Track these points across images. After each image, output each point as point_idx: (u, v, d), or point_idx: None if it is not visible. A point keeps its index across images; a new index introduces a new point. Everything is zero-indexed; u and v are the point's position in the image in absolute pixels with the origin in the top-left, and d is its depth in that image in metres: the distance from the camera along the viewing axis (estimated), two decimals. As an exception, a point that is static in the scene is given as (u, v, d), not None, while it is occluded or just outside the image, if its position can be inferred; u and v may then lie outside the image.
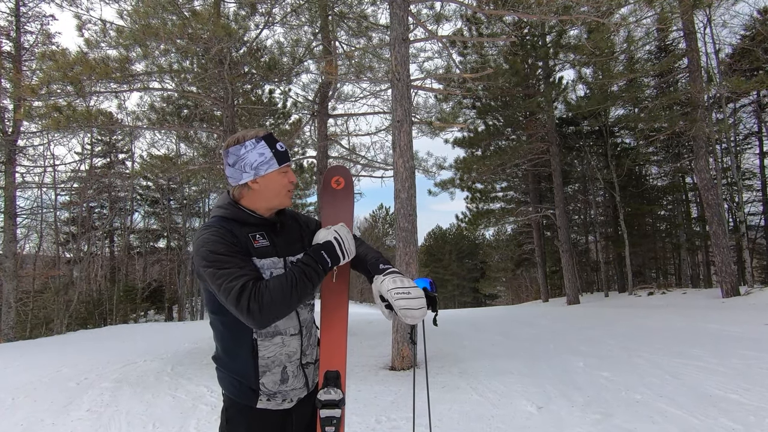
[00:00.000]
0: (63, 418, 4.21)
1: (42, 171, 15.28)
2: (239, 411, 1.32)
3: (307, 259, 1.28)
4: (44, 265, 18.34)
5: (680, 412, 3.49)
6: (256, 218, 1.35)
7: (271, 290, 1.17)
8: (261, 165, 1.32)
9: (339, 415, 1.31)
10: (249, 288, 1.16)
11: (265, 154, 1.33)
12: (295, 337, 1.35)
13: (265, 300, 1.15)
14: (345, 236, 1.35)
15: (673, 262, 20.25)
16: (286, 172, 1.37)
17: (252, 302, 1.14)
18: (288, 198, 1.39)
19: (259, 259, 1.29)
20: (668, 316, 8.53)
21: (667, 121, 12.23)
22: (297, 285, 1.21)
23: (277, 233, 1.37)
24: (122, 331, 12.10)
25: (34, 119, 8.29)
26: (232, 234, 1.27)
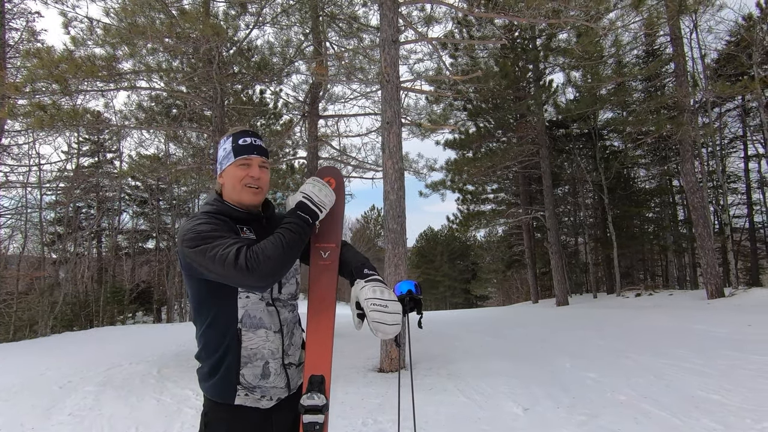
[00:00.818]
0: (44, 422, 4.13)
1: (27, 170, 15.01)
2: (218, 412, 1.31)
3: (287, 221, 1.27)
4: (29, 266, 17.99)
5: (663, 413, 3.53)
6: (240, 212, 1.35)
7: (265, 248, 1.18)
8: (223, 159, 1.36)
9: (322, 421, 1.28)
10: (244, 250, 1.17)
11: (227, 148, 1.36)
12: (276, 335, 1.34)
13: (262, 256, 1.16)
14: (311, 191, 1.32)
15: (660, 264, 20.52)
16: (243, 164, 1.33)
17: (250, 260, 1.16)
18: (248, 194, 1.33)
19: None
20: (655, 317, 8.63)
21: (655, 125, 12.40)
22: (287, 240, 1.21)
23: (263, 228, 1.36)
24: (109, 333, 11.93)
25: (18, 118, 8.14)
26: (219, 219, 1.29)
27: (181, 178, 16.78)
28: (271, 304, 1.35)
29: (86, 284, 19.82)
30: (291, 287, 1.42)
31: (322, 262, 1.42)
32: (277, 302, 1.37)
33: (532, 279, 19.43)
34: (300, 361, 1.43)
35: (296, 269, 1.45)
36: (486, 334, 8.28)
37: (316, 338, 1.36)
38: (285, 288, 1.40)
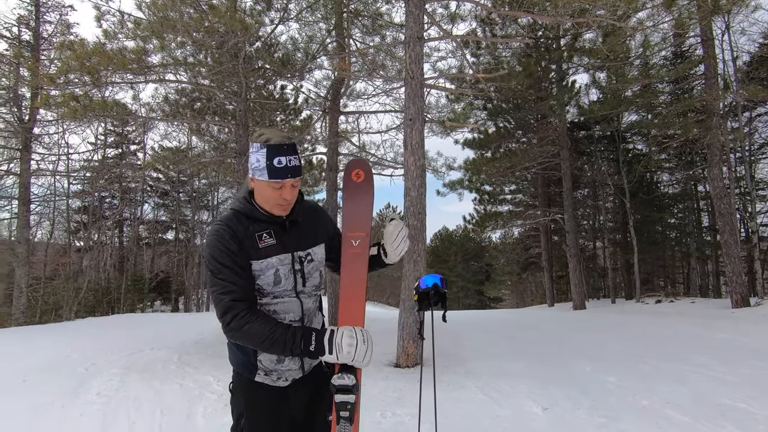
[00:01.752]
0: (73, 401, 4.28)
1: (56, 159, 15.50)
2: (241, 383, 1.44)
3: (299, 335, 1.28)
4: (55, 253, 18.60)
5: (687, 418, 3.47)
6: (265, 216, 1.39)
7: (253, 328, 1.27)
8: (255, 170, 1.35)
9: (353, 401, 1.32)
10: (237, 309, 1.28)
11: (260, 162, 1.33)
12: (295, 323, 1.41)
13: (244, 330, 1.27)
14: (342, 345, 1.27)
15: (682, 271, 20.03)
16: (277, 187, 1.34)
17: (234, 322, 1.27)
18: (279, 210, 1.39)
19: (262, 259, 1.36)
20: (676, 324, 8.45)
21: (681, 128, 12.10)
22: (274, 344, 1.27)
23: (286, 230, 1.41)
24: (129, 320, 12.24)
25: (51, 108, 8.41)
26: (234, 237, 1.33)
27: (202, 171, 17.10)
28: (296, 296, 1.42)
29: (108, 272, 20.37)
30: (315, 280, 1.48)
31: (353, 250, 1.48)
32: (302, 294, 1.44)
33: (548, 282, 19.18)
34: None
35: (321, 261, 1.51)
36: (501, 334, 8.22)
37: (348, 322, 1.40)
38: (309, 281, 1.46)
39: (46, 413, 3.93)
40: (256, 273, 1.36)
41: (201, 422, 3.68)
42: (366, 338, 1.29)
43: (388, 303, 32.52)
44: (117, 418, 3.81)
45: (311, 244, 1.48)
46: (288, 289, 1.40)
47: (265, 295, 1.38)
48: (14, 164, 13.32)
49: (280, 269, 1.38)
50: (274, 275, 1.38)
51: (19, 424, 3.67)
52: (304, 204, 1.50)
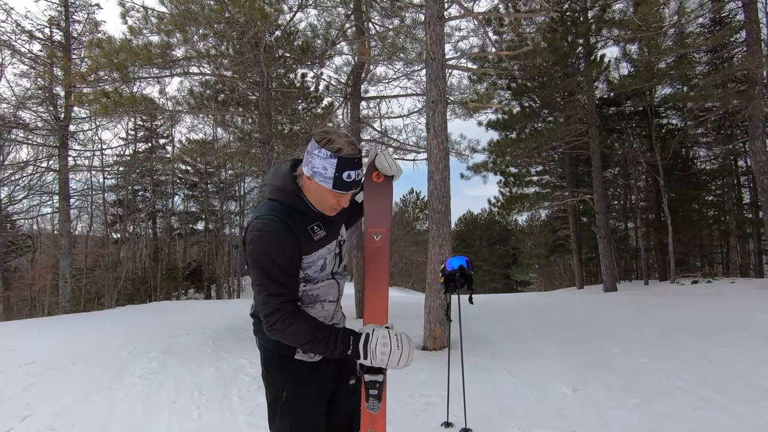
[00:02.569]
0: (118, 382, 4.54)
1: (91, 155, 16.15)
2: (277, 361, 1.47)
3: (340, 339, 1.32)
4: (94, 245, 19.54)
5: (726, 400, 3.37)
6: (314, 212, 1.39)
7: (296, 328, 1.30)
8: (318, 174, 1.30)
9: (381, 380, 1.37)
10: (284, 311, 1.30)
11: (328, 171, 1.28)
12: (332, 304, 1.50)
13: (288, 331, 1.31)
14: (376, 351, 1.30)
15: (720, 251, 19.17)
16: (338, 196, 1.34)
17: (279, 322, 1.30)
18: (330, 212, 1.41)
19: (316, 251, 1.39)
20: (715, 304, 8.14)
21: (720, 100, 11.43)
22: (315, 345, 1.32)
23: (330, 221, 1.45)
24: (166, 307, 12.79)
25: (84, 105, 8.74)
26: (291, 233, 1.31)
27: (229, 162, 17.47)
28: (332, 278, 1.48)
29: (144, 262, 21.27)
30: (345, 260, 1.56)
31: (375, 244, 1.55)
32: (337, 275, 1.51)
33: (577, 264, 18.77)
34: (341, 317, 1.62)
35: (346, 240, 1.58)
36: (529, 317, 8.14)
37: (373, 311, 1.48)
38: (342, 262, 1.53)
39: (94, 393, 4.19)
40: (308, 264, 1.38)
41: (236, 402, 3.84)
42: (400, 343, 1.31)
43: (413, 288, 32.65)
44: (159, 398, 4.01)
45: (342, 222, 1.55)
46: (328, 272, 1.46)
47: (311, 282, 1.42)
48: (53, 161, 13.98)
49: (327, 257, 1.43)
50: (323, 264, 1.42)
51: (71, 403, 3.92)
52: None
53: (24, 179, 14.76)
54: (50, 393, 4.21)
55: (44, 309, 17.47)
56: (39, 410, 3.74)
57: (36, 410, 3.74)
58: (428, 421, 3.29)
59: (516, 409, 3.43)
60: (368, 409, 1.38)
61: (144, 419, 3.52)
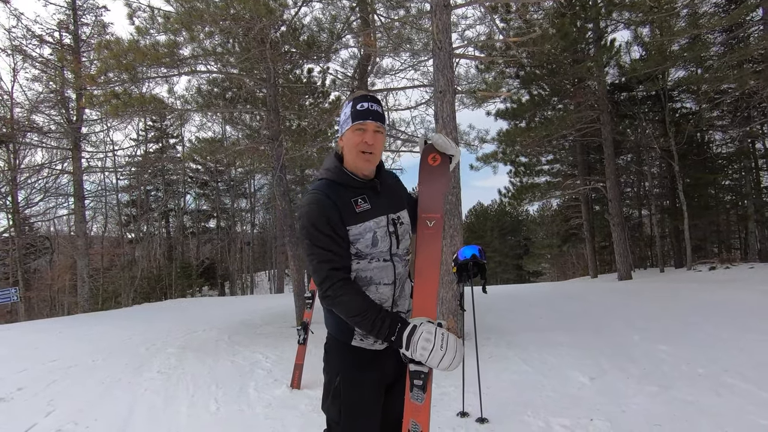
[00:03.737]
0: (137, 377, 4.62)
1: (104, 156, 16.38)
2: (337, 346, 1.49)
3: (388, 322, 1.34)
4: (110, 245, 19.90)
5: (748, 385, 3.30)
6: (357, 182, 1.44)
7: (348, 299, 1.34)
8: (343, 123, 1.44)
9: (427, 371, 1.35)
10: (334, 278, 1.34)
11: (347, 113, 1.42)
12: (387, 287, 1.46)
13: (338, 300, 1.35)
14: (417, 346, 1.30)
15: (738, 236, 18.76)
16: (359, 129, 1.40)
17: (331, 290, 1.35)
18: (361, 160, 1.42)
19: (360, 223, 1.40)
20: (734, 290, 7.97)
21: (736, 81, 11.12)
22: (363, 321, 1.34)
23: (378, 193, 1.47)
24: (181, 305, 12.98)
25: (95, 107, 8.84)
26: (334, 206, 1.36)
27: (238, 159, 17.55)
28: (389, 260, 1.46)
29: (159, 261, 21.58)
30: (406, 242, 1.53)
31: (428, 230, 1.53)
32: (395, 257, 1.49)
33: (590, 253, 18.54)
34: (408, 308, 1.54)
35: (409, 225, 1.55)
36: (543, 307, 8.08)
37: (422, 296, 1.46)
38: (401, 243, 1.51)
39: (115, 388, 4.27)
40: (355, 237, 1.40)
41: (253, 395, 3.88)
42: (445, 343, 1.29)
43: (426, 281, 32.56)
44: (177, 392, 4.08)
45: (400, 207, 1.54)
46: (384, 251, 1.44)
47: (363, 258, 1.42)
48: (67, 163, 14.20)
49: (377, 231, 1.43)
50: (372, 238, 1.42)
51: (93, 398, 4.01)
52: (387, 172, 1.59)
53: (40, 182, 15.04)
54: (73, 389, 4.31)
55: (64, 309, 17.88)
56: (62, 406, 3.83)
57: (59, 406, 3.83)
58: (444, 411, 3.29)
59: (532, 398, 3.41)
60: (412, 399, 1.36)
61: (164, 413, 3.58)
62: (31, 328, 9.19)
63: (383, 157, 8.66)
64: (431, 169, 1.60)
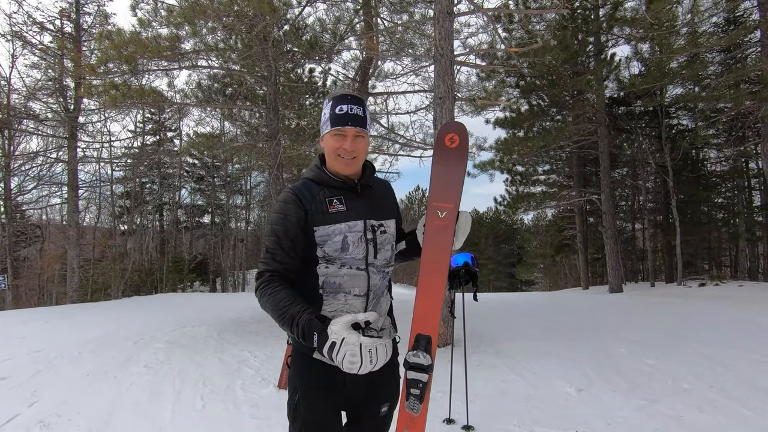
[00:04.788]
0: (123, 371, 4.58)
1: (100, 147, 16.27)
2: (298, 358, 1.37)
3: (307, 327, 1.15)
4: (102, 236, 19.73)
5: (732, 403, 3.33)
6: (336, 181, 1.36)
7: (270, 299, 1.24)
8: (322, 126, 1.37)
9: (426, 380, 1.26)
10: (264, 279, 1.28)
11: (326, 114, 1.35)
12: (358, 299, 1.34)
13: (261, 300, 1.28)
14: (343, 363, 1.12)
15: (729, 254, 18.96)
16: (338, 135, 1.32)
17: (257, 291, 1.30)
18: (342, 166, 1.34)
19: (330, 225, 1.31)
20: (722, 307, 8.05)
21: (732, 101, 11.27)
22: (283, 321, 1.21)
23: (357, 197, 1.37)
24: (172, 299, 12.90)
25: (93, 97, 8.80)
26: (299, 205, 1.31)
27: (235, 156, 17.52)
28: (363, 269, 1.35)
29: (151, 254, 21.42)
30: (386, 253, 1.40)
31: (437, 221, 1.37)
32: (371, 267, 1.36)
33: (583, 264, 18.67)
34: (382, 327, 1.41)
35: (393, 236, 1.43)
36: (534, 316, 8.11)
37: (427, 298, 1.34)
38: (380, 254, 1.38)
39: (100, 381, 4.23)
40: (322, 239, 1.30)
41: (240, 394, 3.86)
42: (375, 357, 1.12)
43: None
44: (163, 387, 4.04)
45: (385, 216, 1.42)
46: (358, 258, 1.33)
47: (332, 263, 1.31)
48: (63, 152, 14.10)
49: (348, 236, 1.32)
50: (342, 242, 1.31)
51: (77, 391, 3.96)
52: (378, 178, 1.49)
53: (34, 170, 14.91)
54: (57, 380, 4.26)
55: (52, 298, 17.69)
56: (46, 397, 3.78)
57: (43, 397, 3.79)
58: (430, 417, 3.27)
59: (519, 407, 3.42)
60: (407, 408, 1.26)
61: (149, 408, 3.55)
62: (17, 317, 9.08)
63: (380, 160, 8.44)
64: (448, 152, 1.42)
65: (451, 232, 1.36)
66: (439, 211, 1.37)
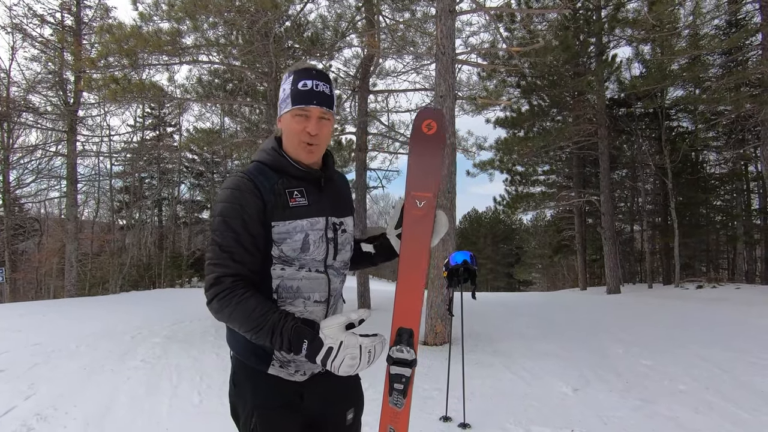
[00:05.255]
0: (120, 366, 4.58)
1: (99, 141, 16.24)
2: (248, 375, 1.19)
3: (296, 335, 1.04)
4: (100, 230, 19.72)
5: (728, 404, 3.35)
6: (298, 170, 1.18)
7: (238, 308, 1.05)
8: (281, 104, 1.18)
9: (409, 374, 1.20)
10: (226, 286, 1.06)
11: (286, 91, 1.16)
12: (319, 305, 1.21)
13: (225, 311, 1.06)
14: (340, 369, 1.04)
15: (726, 256, 19.01)
16: (300, 115, 1.14)
17: (216, 301, 1.07)
18: (305, 151, 1.17)
19: (290, 220, 1.14)
20: (718, 309, 8.08)
21: (732, 103, 11.28)
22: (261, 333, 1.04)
23: (320, 190, 1.22)
24: (170, 294, 12.90)
25: (93, 90, 8.77)
26: (257, 193, 1.11)
27: (235, 152, 17.49)
28: (323, 272, 1.21)
29: (149, 249, 21.39)
30: (345, 254, 1.29)
31: (416, 211, 1.30)
32: (330, 270, 1.23)
33: (581, 265, 18.69)
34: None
35: (352, 234, 1.33)
36: (532, 316, 8.13)
37: (407, 291, 1.28)
38: (340, 255, 1.26)
39: (97, 376, 4.23)
40: (280, 236, 1.13)
41: (237, 389, 3.86)
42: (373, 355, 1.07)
43: (416, 284, 32.62)
44: (160, 382, 4.05)
45: (346, 213, 1.30)
46: (317, 260, 1.19)
47: (290, 264, 1.16)
48: (62, 146, 14.06)
49: (310, 234, 1.16)
50: (303, 241, 1.16)
51: (74, 385, 3.96)
52: (337, 172, 1.35)
53: (33, 163, 14.87)
54: (54, 374, 4.26)
55: (50, 292, 17.68)
56: (42, 390, 3.78)
57: (40, 390, 3.79)
58: (427, 415, 3.30)
59: (515, 406, 3.43)
60: (391, 404, 1.22)
61: (146, 403, 3.55)
62: (14, 310, 9.07)
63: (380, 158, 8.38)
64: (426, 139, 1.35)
65: (431, 222, 1.30)
66: (417, 201, 1.31)
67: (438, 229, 1.31)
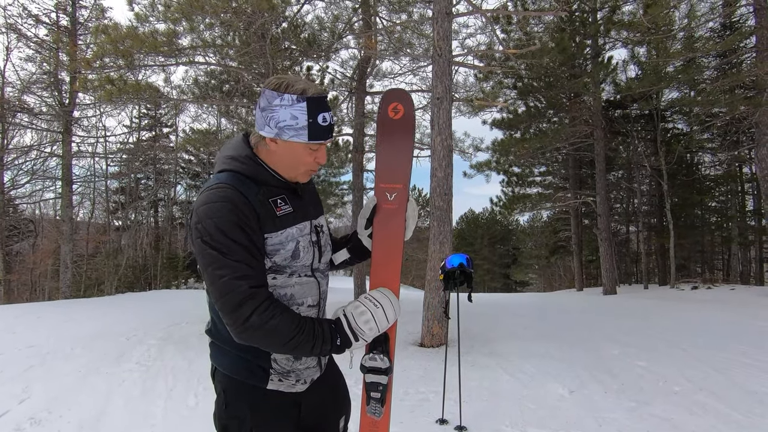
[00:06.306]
0: (115, 368, 4.56)
1: (95, 141, 16.15)
2: (243, 393, 1.13)
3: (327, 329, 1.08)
4: (96, 231, 19.62)
5: (722, 406, 3.37)
6: (278, 180, 1.14)
7: (279, 324, 1.01)
8: (287, 129, 1.07)
9: (385, 382, 1.18)
10: (259, 299, 1.00)
11: (299, 120, 1.07)
12: (312, 309, 1.19)
13: (268, 327, 1.00)
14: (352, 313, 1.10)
15: (721, 257, 19.13)
16: (316, 149, 1.12)
17: (256, 315, 0.98)
18: (305, 177, 1.17)
19: (282, 230, 1.10)
20: (713, 310, 8.12)
21: (727, 105, 11.34)
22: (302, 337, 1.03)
23: (298, 197, 1.18)
24: (166, 296, 12.84)
25: (88, 91, 8.74)
26: (249, 206, 1.05)
27: (232, 153, 17.43)
28: (311, 276, 1.19)
29: (145, 250, 21.29)
30: (327, 255, 1.27)
31: (387, 205, 1.24)
32: (317, 272, 1.21)
33: (577, 266, 18.76)
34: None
35: (328, 234, 1.31)
36: (528, 317, 8.14)
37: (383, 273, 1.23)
38: (323, 257, 1.24)
39: (92, 377, 4.21)
40: (274, 248, 1.09)
41: (233, 392, 3.85)
42: (376, 301, 1.11)
43: (413, 285, 32.69)
44: (156, 385, 4.03)
45: (320, 212, 1.28)
46: (306, 265, 1.16)
47: (281, 273, 1.12)
48: (57, 146, 13.98)
49: (300, 241, 1.14)
50: (294, 248, 1.13)
51: (68, 387, 3.94)
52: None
53: (27, 164, 14.76)
54: (49, 376, 4.23)
55: (45, 294, 17.56)
56: (37, 393, 3.76)
57: (34, 393, 3.76)
58: (423, 417, 3.30)
59: (511, 408, 3.44)
60: (369, 413, 1.19)
61: (141, 405, 3.53)
62: (9, 312, 9.00)
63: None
64: (392, 125, 1.25)
65: (403, 216, 1.24)
66: (387, 194, 1.25)
67: (413, 216, 1.27)
